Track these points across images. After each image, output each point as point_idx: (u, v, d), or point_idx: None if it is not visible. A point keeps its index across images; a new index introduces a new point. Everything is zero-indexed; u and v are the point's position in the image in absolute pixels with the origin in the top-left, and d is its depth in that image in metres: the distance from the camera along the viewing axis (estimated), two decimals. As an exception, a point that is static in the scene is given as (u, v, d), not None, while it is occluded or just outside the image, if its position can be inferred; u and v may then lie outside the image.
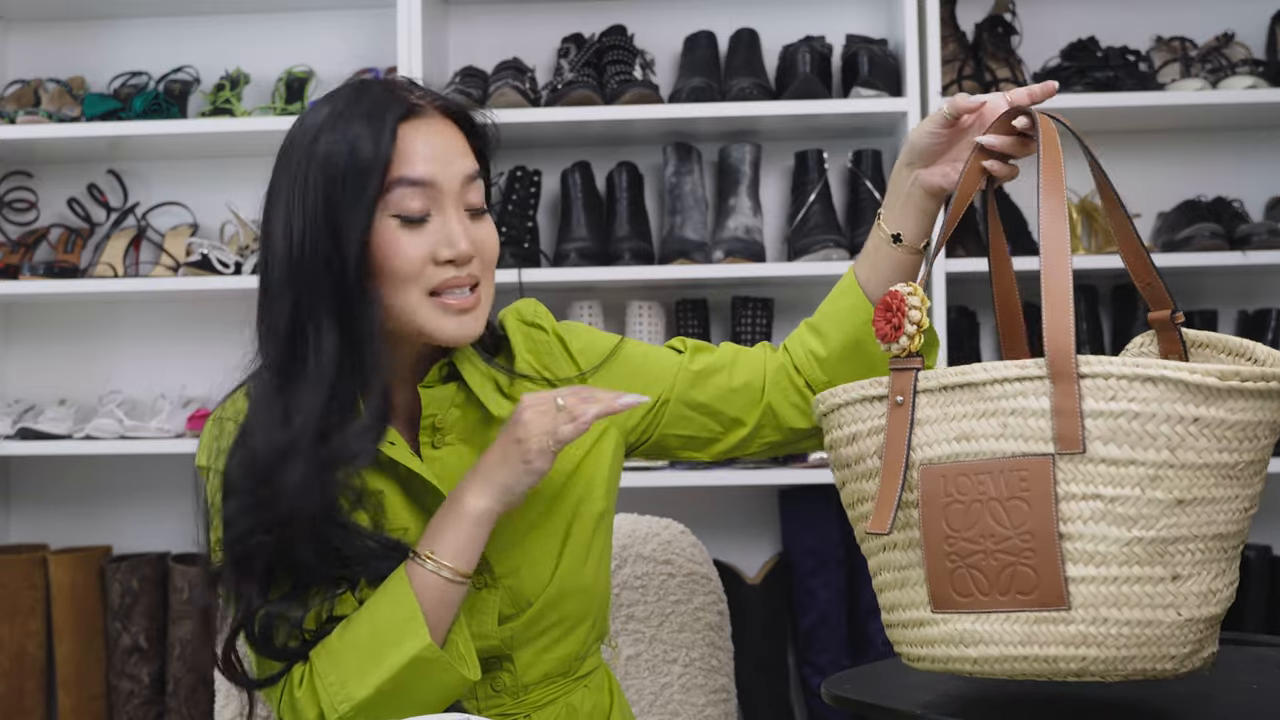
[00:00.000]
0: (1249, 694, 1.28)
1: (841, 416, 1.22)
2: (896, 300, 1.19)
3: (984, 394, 1.14)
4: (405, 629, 1.24)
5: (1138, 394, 1.08)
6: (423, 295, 1.29)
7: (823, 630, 2.89)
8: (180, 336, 3.14)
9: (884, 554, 1.21)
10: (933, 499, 1.15)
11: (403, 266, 1.27)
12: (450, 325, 1.30)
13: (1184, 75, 2.92)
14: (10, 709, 2.96)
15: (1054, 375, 1.10)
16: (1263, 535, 2.90)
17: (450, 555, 1.26)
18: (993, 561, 1.12)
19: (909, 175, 1.37)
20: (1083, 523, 1.10)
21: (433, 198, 1.29)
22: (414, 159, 1.28)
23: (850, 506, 1.24)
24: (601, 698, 1.44)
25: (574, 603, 1.37)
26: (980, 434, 1.13)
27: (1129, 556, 1.09)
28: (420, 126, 1.29)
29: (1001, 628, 1.13)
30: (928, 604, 1.16)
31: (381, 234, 1.27)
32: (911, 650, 1.20)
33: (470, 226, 1.31)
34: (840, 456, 1.23)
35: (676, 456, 1.50)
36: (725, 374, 1.45)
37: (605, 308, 2.97)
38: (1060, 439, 1.10)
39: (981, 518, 1.12)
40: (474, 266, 1.31)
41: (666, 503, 2.71)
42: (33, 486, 3.19)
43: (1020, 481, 1.11)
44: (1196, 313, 2.95)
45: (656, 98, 2.84)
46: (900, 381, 1.18)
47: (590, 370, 1.43)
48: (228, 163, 3.13)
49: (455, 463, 1.35)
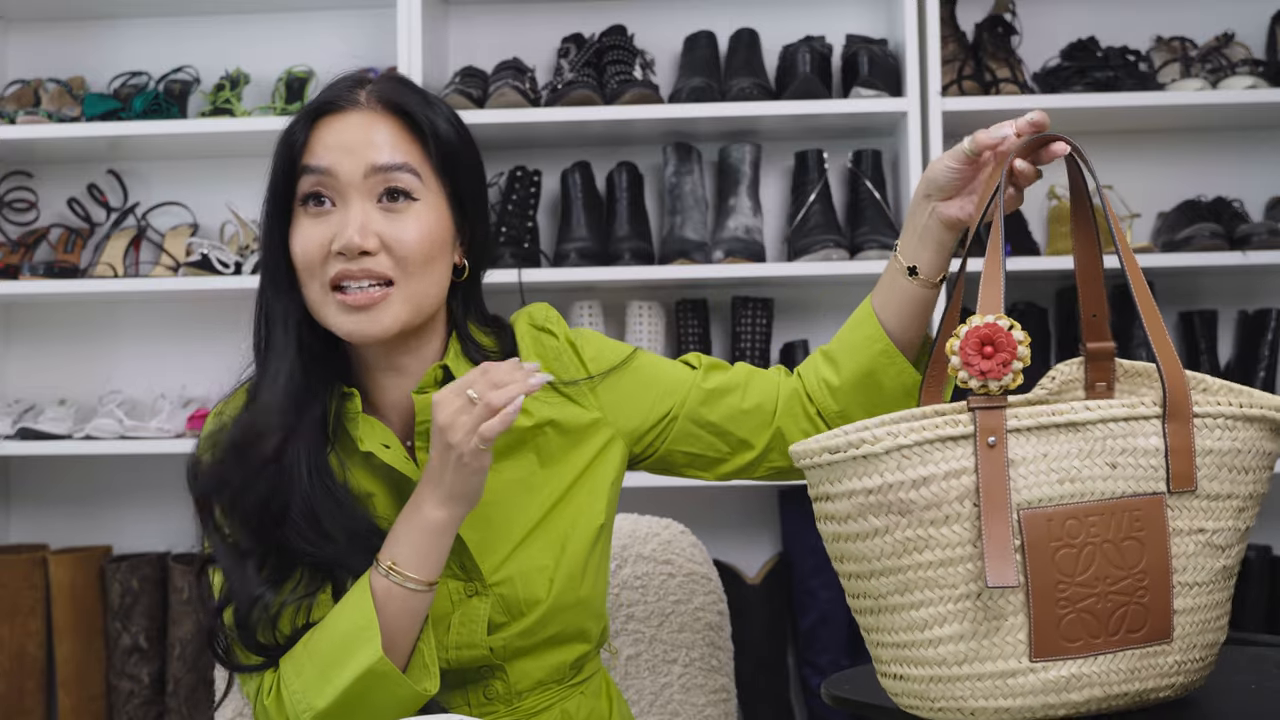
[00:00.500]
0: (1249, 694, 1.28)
1: (904, 459, 1.11)
2: (999, 334, 1.13)
3: (1088, 434, 1.13)
4: (360, 640, 1.22)
5: (1240, 432, 1.16)
6: (325, 290, 1.29)
7: (823, 630, 2.89)
8: (180, 336, 3.14)
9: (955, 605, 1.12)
10: (1039, 544, 1.10)
11: (300, 256, 1.30)
12: (345, 322, 1.29)
13: (1184, 75, 2.92)
14: (10, 709, 2.96)
15: (1171, 415, 1.14)
16: (1263, 535, 2.90)
17: (413, 565, 1.24)
18: (1106, 604, 1.11)
19: (926, 208, 1.34)
20: (1187, 557, 1.14)
21: (334, 188, 1.29)
22: (319, 150, 1.30)
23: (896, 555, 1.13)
24: (599, 703, 1.43)
25: (570, 616, 1.36)
26: (1086, 475, 1.12)
27: (1215, 584, 1.16)
28: (336, 121, 1.31)
29: (1108, 667, 1.12)
30: (1024, 653, 1.11)
31: (294, 225, 1.31)
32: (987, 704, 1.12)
33: (379, 219, 1.29)
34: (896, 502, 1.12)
35: (681, 474, 1.47)
36: (738, 395, 1.43)
37: (605, 308, 2.97)
38: (1176, 477, 1.13)
39: (1095, 560, 1.11)
40: (379, 262, 1.28)
41: (666, 503, 2.71)
42: (33, 486, 3.19)
43: (1134, 521, 1.12)
44: (1196, 313, 2.95)
45: (656, 98, 2.84)
46: (991, 421, 1.11)
47: (599, 376, 1.41)
48: (228, 163, 3.13)
49: None
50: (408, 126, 1.32)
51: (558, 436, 1.39)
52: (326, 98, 1.33)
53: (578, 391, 1.40)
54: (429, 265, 1.30)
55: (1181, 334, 2.99)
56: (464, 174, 1.36)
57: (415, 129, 1.32)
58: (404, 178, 1.30)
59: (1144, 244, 2.84)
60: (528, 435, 1.37)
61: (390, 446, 1.31)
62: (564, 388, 1.40)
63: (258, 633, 1.27)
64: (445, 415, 1.21)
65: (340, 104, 1.32)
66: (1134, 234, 2.95)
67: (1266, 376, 2.90)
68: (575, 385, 1.40)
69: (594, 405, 1.40)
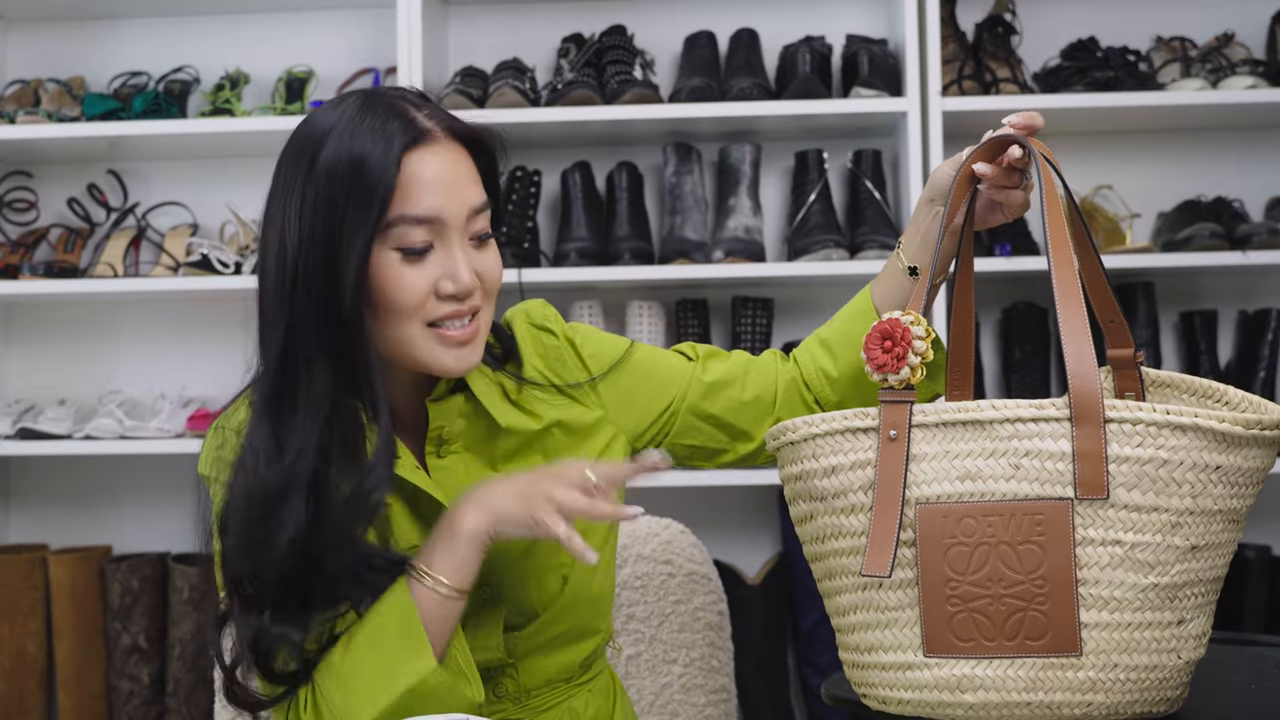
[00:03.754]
0: (1249, 694, 1.28)
1: (818, 447, 1.17)
2: (898, 329, 1.14)
3: (993, 433, 1.11)
4: (410, 651, 1.21)
5: (1167, 441, 1.07)
6: (422, 327, 1.25)
7: (823, 630, 2.88)
8: (180, 336, 3.14)
9: (863, 593, 1.16)
10: (932, 540, 1.11)
11: (402, 299, 1.23)
12: (448, 358, 1.26)
13: (1184, 75, 2.92)
14: (10, 709, 2.96)
15: (1078, 418, 1.08)
16: (1263, 535, 2.90)
17: (447, 572, 1.23)
18: (1000, 606, 1.09)
19: (930, 211, 1.35)
20: (1099, 569, 1.08)
21: (437, 231, 1.24)
22: (419, 193, 1.22)
23: (818, 540, 1.19)
24: (605, 701, 1.43)
25: (582, 613, 1.36)
26: (988, 474, 1.10)
27: (1143, 602, 1.09)
28: (427, 156, 1.23)
29: (1005, 673, 1.10)
30: (919, 647, 1.13)
31: (380, 266, 1.22)
32: (891, 694, 1.15)
33: (474, 256, 1.27)
34: (813, 489, 1.18)
35: (682, 464, 1.48)
36: (737, 386, 1.43)
37: (605, 308, 2.97)
38: (1083, 484, 1.08)
39: (989, 561, 1.09)
40: (476, 297, 1.27)
41: (666, 503, 2.71)
42: (33, 486, 3.19)
43: (1035, 525, 1.09)
44: (1196, 313, 2.95)
45: (656, 98, 2.84)
46: (894, 415, 1.13)
47: (600, 376, 1.41)
48: (228, 163, 3.13)
49: (460, 471, 1.34)
50: (474, 159, 1.30)
51: (564, 437, 1.39)
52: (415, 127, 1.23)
53: (580, 391, 1.40)
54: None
55: (1181, 334, 2.99)
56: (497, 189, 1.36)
57: (481, 159, 1.31)
58: (487, 216, 1.29)
59: (1144, 244, 2.84)
60: (535, 438, 1.37)
61: (401, 458, 1.29)
62: (568, 389, 1.40)
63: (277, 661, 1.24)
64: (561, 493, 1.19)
65: (428, 136, 1.24)
66: (1134, 234, 2.95)
67: (1266, 377, 2.90)
68: (579, 387, 1.40)
69: (596, 404, 1.41)
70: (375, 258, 1.22)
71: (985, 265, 2.79)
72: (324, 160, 1.21)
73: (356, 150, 1.21)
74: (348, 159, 1.21)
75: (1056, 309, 1.11)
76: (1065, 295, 1.11)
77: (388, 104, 1.25)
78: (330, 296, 1.21)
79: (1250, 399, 1.16)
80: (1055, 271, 1.12)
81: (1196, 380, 1.23)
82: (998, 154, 1.25)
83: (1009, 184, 1.27)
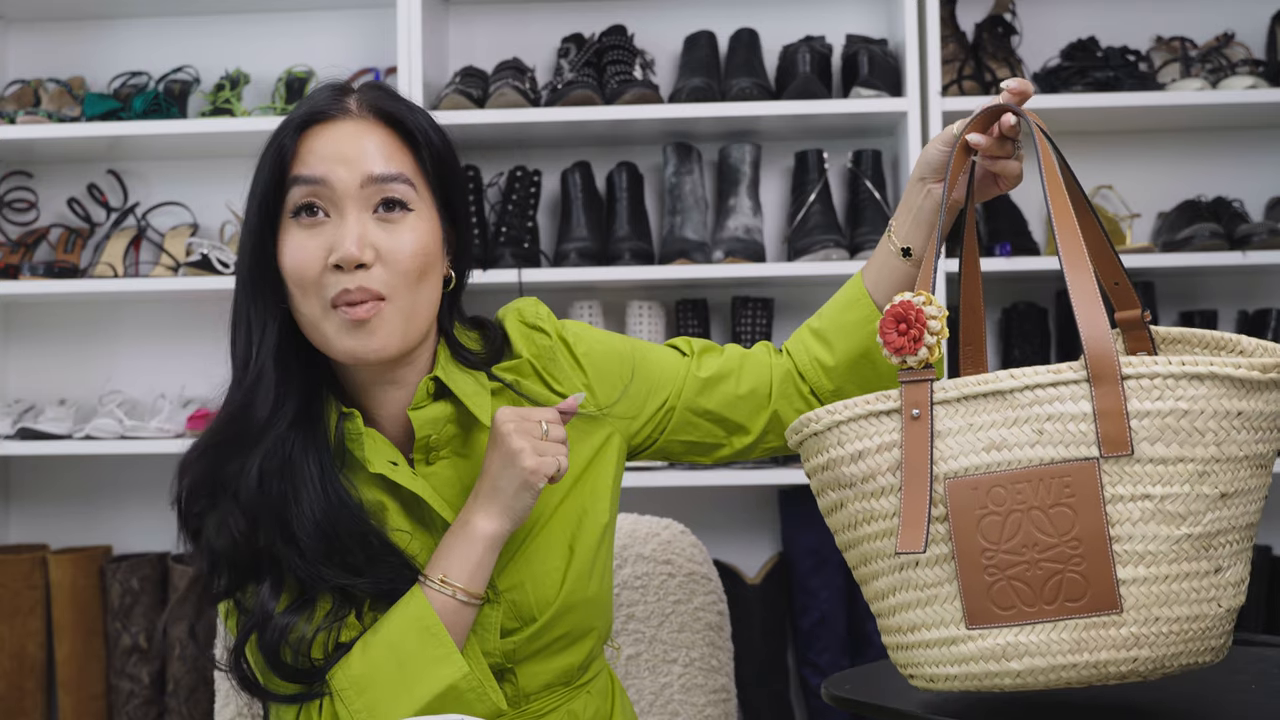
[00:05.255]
0: (1249, 694, 1.28)
1: (842, 434, 1.18)
2: (911, 311, 1.15)
3: (1013, 401, 1.11)
4: (436, 655, 1.22)
5: (1185, 392, 1.08)
6: (325, 307, 1.25)
7: (823, 630, 2.89)
8: (180, 336, 3.14)
9: (900, 574, 1.16)
10: (964, 512, 1.12)
11: (296, 268, 1.25)
12: (349, 340, 1.25)
13: (1184, 75, 2.92)
14: (10, 709, 2.96)
15: (1096, 378, 1.09)
16: (1262, 535, 2.90)
17: (464, 578, 1.25)
18: (1037, 571, 1.10)
19: (921, 190, 1.36)
20: (1132, 524, 1.09)
21: (329, 198, 1.25)
22: (309, 159, 1.26)
23: (851, 528, 1.20)
24: (604, 702, 1.43)
25: (580, 615, 1.36)
26: (1012, 442, 1.11)
27: (1178, 554, 1.09)
28: (326, 129, 1.27)
29: (1048, 637, 1.10)
30: (961, 620, 1.13)
31: (284, 237, 1.27)
32: (938, 670, 1.15)
33: (375, 231, 1.26)
34: (841, 476, 1.19)
35: (679, 460, 1.49)
36: (732, 381, 1.43)
37: (605, 308, 2.98)
38: (1106, 441, 1.09)
39: (1023, 527, 1.10)
40: (372, 277, 1.24)
41: (666, 503, 2.72)
42: (33, 486, 3.19)
43: (1064, 488, 1.09)
44: (1196, 313, 2.95)
45: (656, 98, 2.84)
46: (915, 394, 1.14)
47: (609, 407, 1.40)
48: (228, 163, 3.13)
49: (449, 476, 1.33)
50: (400, 135, 1.30)
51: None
52: (315, 106, 1.29)
53: (576, 391, 1.39)
54: (423, 278, 1.28)
55: (1181, 334, 2.99)
56: (452, 182, 1.34)
57: (408, 138, 1.30)
58: (400, 188, 1.27)
59: (1144, 244, 2.84)
60: None
61: (398, 464, 1.30)
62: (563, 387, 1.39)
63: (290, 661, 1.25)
64: (520, 441, 1.24)
65: (330, 112, 1.28)
66: (1134, 234, 2.95)
67: (1266, 376, 2.90)
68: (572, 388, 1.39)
69: (590, 404, 1.40)
70: (284, 230, 1.27)
71: (985, 265, 2.79)
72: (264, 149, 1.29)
73: (275, 135, 1.29)
74: (272, 143, 1.28)
75: (1064, 273, 1.12)
76: (1071, 259, 1.12)
77: (318, 92, 1.32)
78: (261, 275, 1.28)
79: (1265, 345, 1.17)
80: (1060, 235, 1.13)
81: (1208, 333, 1.23)
82: (990, 125, 1.27)
83: (1002, 154, 1.29)
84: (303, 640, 1.24)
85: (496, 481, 1.26)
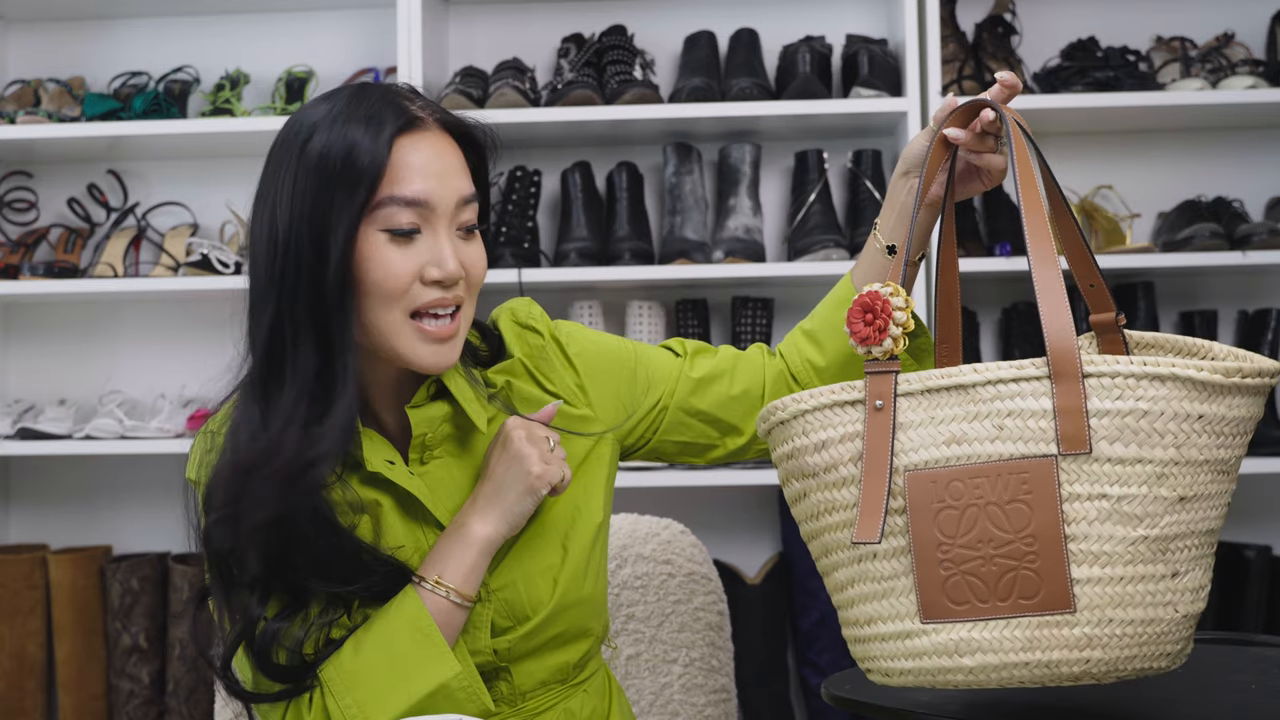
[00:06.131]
0: (1249, 694, 1.28)
1: (807, 424, 1.18)
2: (878, 301, 1.16)
3: (975, 396, 1.11)
4: (429, 654, 1.23)
5: (1146, 392, 1.07)
6: (404, 316, 1.24)
7: (823, 630, 2.89)
8: (180, 336, 3.14)
9: (858, 565, 1.17)
10: (922, 505, 1.12)
11: (386, 282, 1.22)
12: (427, 353, 1.25)
13: (1184, 75, 2.92)
14: (10, 709, 2.96)
15: (1057, 375, 1.09)
16: (1263, 535, 2.90)
17: (458, 580, 1.26)
18: (992, 567, 1.10)
19: (905, 185, 1.37)
20: (1088, 523, 1.08)
21: (424, 216, 1.24)
22: (409, 176, 1.23)
23: (813, 518, 1.20)
24: (600, 701, 1.43)
25: (574, 615, 1.36)
26: (972, 437, 1.11)
27: (1134, 555, 1.08)
28: (419, 141, 1.25)
29: (1001, 634, 1.10)
30: (916, 614, 1.13)
31: (367, 247, 1.22)
32: (893, 664, 1.16)
33: (460, 247, 1.27)
34: (803, 466, 1.19)
35: (672, 460, 1.49)
36: (725, 381, 1.44)
37: (605, 308, 2.98)
38: (1065, 439, 1.08)
39: (979, 522, 1.10)
40: (460, 289, 1.26)
41: (666, 503, 2.72)
42: (33, 486, 3.19)
43: (1021, 484, 1.09)
44: (1196, 313, 2.95)
45: (656, 98, 2.84)
46: (879, 385, 1.14)
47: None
48: (228, 163, 3.13)
49: (443, 476, 1.33)
50: (464, 152, 1.30)
51: None
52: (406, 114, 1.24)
53: (568, 391, 1.39)
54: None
55: (1181, 334, 2.99)
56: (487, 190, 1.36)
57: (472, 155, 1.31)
58: (476, 206, 1.29)
59: (1144, 244, 2.84)
60: None
61: (395, 463, 1.30)
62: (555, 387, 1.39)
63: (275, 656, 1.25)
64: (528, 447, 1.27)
65: (418, 122, 1.25)
66: (1134, 234, 2.95)
67: (1266, 376, 2.90)
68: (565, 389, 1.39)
69: (584, 404, 1.40)
70: (362, 238, 1.22)
71: (985, 265, 2.79)
72: (316, 146, 1.22)
73: (349, 136, 1.22)
74: (340, 144, 1.22)
75: (1031, 269, 1.11)
76: (1039, 255, 1.12)
77: (380, 94, 1.27)
78: (318, 276, 1.21)
79: (1235, 352, 1.16)
80: (1029, 232, 1.12)
81: (1181, 339, 1.23)
82: (970, 120, 1.27)
83: (983, 149, 1.29)
84: (296, 641, 1.25)
85: (500, 484, 1.27)
